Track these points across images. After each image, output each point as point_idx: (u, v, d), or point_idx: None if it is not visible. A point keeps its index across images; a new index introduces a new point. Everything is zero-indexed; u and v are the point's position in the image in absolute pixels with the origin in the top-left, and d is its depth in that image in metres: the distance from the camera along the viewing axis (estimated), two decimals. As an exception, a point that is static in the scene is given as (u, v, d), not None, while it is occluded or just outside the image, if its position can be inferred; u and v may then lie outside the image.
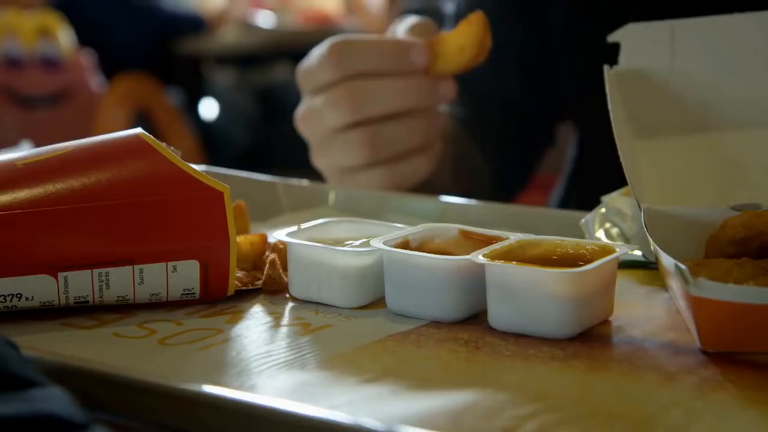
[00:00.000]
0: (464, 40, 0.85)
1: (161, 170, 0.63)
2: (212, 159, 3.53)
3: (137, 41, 3.77)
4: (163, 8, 3.93)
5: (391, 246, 0.62)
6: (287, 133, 1.11)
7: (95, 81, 3.31)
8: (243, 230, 0.75)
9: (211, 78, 4.27)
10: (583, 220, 0.77)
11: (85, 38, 3.37)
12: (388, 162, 0.87)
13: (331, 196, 0.90)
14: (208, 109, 4.16)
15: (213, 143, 3.90)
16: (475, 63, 0.85)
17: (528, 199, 1.37)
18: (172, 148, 0.66)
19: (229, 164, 1.04)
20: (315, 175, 0.95)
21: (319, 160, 0.91)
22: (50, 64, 3.14)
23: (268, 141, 3.90)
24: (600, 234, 0.76)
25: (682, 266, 0.54)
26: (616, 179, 0.71)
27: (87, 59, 3.29)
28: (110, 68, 3.45)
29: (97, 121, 3.21)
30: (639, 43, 0.78)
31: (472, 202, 0.90)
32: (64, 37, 3.21)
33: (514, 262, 0.58)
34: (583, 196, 1.09)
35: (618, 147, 0.70)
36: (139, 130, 0.66)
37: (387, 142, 0.86)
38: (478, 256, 0.59)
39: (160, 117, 3.56)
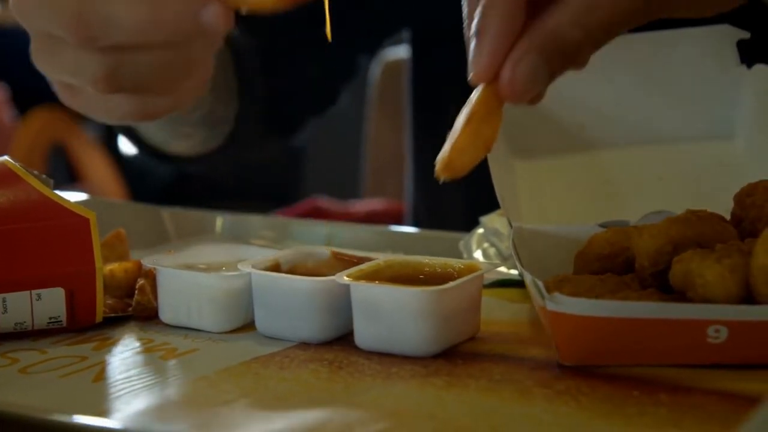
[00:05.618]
0: None
1: (25, 198, 0.62)
2: (134, 193, 3.50)
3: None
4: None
5: (260, 269, 0.62)
6: (212, 164, 1.06)
7: (8, 115, 3.26)
8: (122, 257, 0.75)
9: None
10: (462, 242, 0.78)
11: (-3, 71, 3.32)
12: (131, 92, 0.69)
13: (218, 223, 0.90)
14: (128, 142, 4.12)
15: (134, 177, 3.86)
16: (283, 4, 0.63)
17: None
18: (44, 176, 0.66)
19: (153, 198, 1.02)
20: (246, 207, 0.93)
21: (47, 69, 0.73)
22: (-40, 98, 3.09)
23: (192, 173, 3.87)
24: (478, 254, 0.76)
25: (539, 282, 0.55)
26: None
27: (-1, 93, 3.25)
28: (24, 102, 3.40)
29: (10, 156, 3.16)
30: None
31: (361, 226, 0.90)
32: (-24, 70, 3.16)
33: (377, 282, 0.59)
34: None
35: (490, 168, 0.71)
36: (5, 157, 0.65)
37: (128, 75, 0.66)
38: (342, 277, 0.59)
39: (77, 151, 3.51)
